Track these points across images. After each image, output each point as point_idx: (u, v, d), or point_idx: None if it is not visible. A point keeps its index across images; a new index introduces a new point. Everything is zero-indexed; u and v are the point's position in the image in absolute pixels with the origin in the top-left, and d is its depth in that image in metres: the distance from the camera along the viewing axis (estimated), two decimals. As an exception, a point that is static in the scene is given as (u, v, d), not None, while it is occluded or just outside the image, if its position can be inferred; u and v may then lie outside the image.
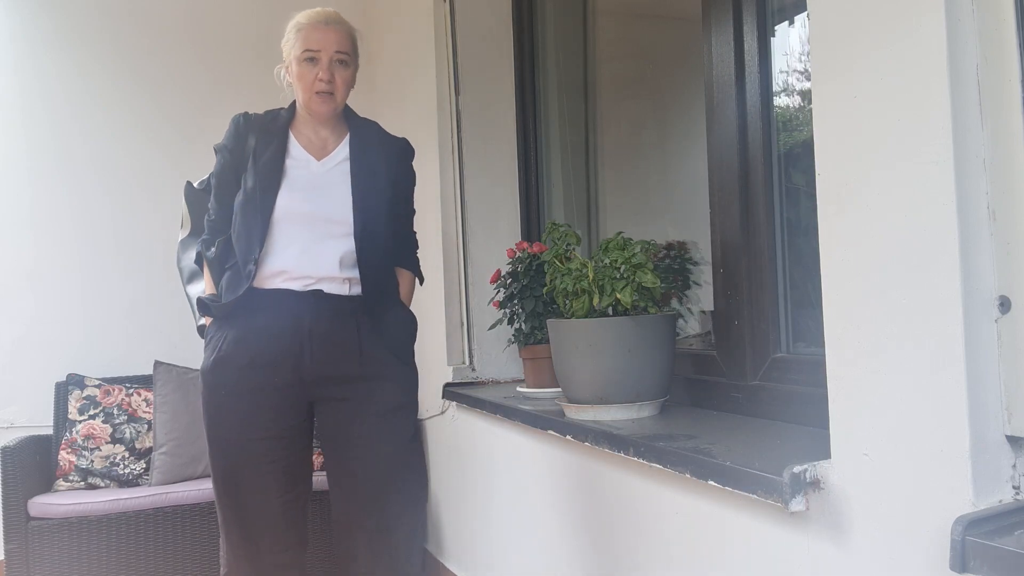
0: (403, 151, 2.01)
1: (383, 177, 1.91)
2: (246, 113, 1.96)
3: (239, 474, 1.82)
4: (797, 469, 1.11)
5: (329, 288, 1.83)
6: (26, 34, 3.41)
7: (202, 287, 1.98)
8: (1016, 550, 0.83)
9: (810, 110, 1.14)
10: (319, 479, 1.97)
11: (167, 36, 3.60)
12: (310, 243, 1.82)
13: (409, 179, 2.03)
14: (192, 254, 2.07)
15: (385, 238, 1.91)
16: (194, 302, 1.97)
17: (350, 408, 1.85)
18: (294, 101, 1.96)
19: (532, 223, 2.85)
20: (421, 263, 2.08)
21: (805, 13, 1.18)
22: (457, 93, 2.85)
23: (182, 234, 2.15)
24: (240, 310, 1.81)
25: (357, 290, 1.85)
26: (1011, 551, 0.83)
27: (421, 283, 2.09)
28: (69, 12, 3.47)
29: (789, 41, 1.70)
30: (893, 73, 1.01)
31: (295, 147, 1.90)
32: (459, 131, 2.84)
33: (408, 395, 1.91)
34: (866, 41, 1.04)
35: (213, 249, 1.90)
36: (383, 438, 1.85)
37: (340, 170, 1.89)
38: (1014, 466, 0.96)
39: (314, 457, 2.00)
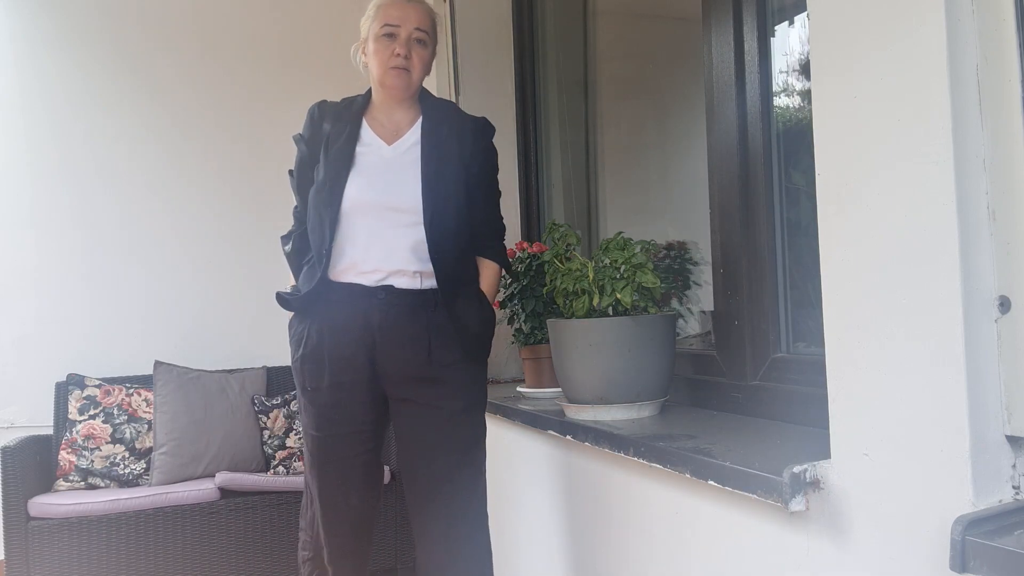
0: (481, 129, 1.91)
1: (456, 159, 1.83)
2: (322, 101, 1.91)
3: (323, 468, 1.84)
4: (797, 469, 1.11)
5: (399, 283, 1.78)
6: (26, 34, 3.42)
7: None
8: (1016, 550, 0.83)
9: (810, 110, 1.14)
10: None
11: (168, 35, 3.60)
12: (380, 233, 1.77)
13: (489, 159, 1.92)
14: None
15: (459, 225, 1.82)
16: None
17: (415, 411, 1.83)
18: (370, 88, 1.90)
19: (532, 223, 2.85)
20: None
21: (805, 13, 1.18)
22: (457, 93, 2.85)
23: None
24: (318, 303, 1.79)
25: (430, 283, 1.79)
26: (1011, 551, 0.83)
27: (508, 272, 2.04)
28: (69, 12, 3.47)
29: (789, 41, 1.70)
30: (893, 73, 1.01)
31: (367, 132, 1.85)
32: (459, 131, 2.84)
33: (473, 396, 1.85)
34: (866, 41, 1.04)
35: (290, 244, 1.90)
36: (447, 445, 1.82)
37: (411, 155, 1.82)
38: (1014, 466, 0.96)
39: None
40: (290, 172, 1.95)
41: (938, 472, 0.95)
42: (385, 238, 1.77)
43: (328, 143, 1.83)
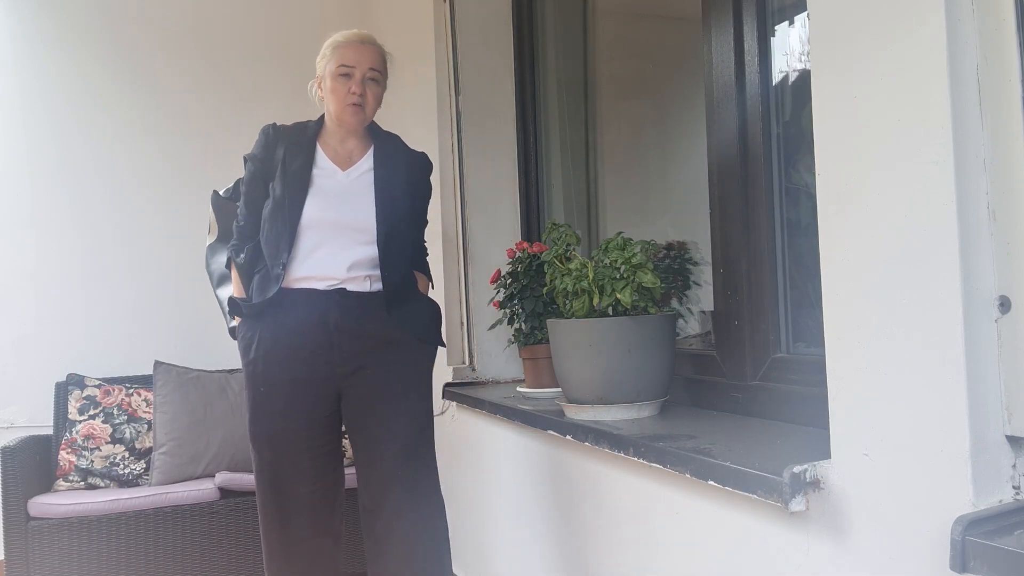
0: (424, 165, 2.14)
1: (403, 187, 2.04)
2: (275, 124, 2.06)
3: (279, 463, 1.95)
4: (797, 469, 1.11)
5: (352, 286, 1.95)
6: (26, 34, 3.41)
7: (231, 290, 2.09)
8: (1016, 550, 0.83)
9: (810, 110, 1.14)
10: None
11: (168, 36, 3.60)
12: (336, 249, 1.94)
13: (426, 191, 2.15)
14: (221, 258, 2.18)
15: (404, 244, 2.03)
16: (225, 304, 2.10)
17: (370, 401, 1.96)
18: (322, 115, 2.06)
19: (532, 223, 2.85)
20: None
21: (805, 13, 1.18)
22: (457, 93, 2.85)
23: (209, 239, 2.25)
24: (270, 309, 1.93)
25: (379, 286, 1.97)
26: (1011, 551, 0.83)
27: (433, 287, 2.21)
28: (69, 12, 3.47)
29: (789, 41, 1.69)
30: (893, 73, 1.01)
31: (322, 158, 2.02)
32: (459, 131, 2.84)
33: (423, 367, 2.03)
34: (866, 41, 1.04)
35: (243, 255, 2.01)
36: (398, 423, 1.97)
37: (364, 180, 2.01)
38: (1014, 466, 0.96)
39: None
40: (225, 191, 2.16)
41: (938, 472, 0.95)
42: (340, 253, 1.94)
43: (285, 164, 1.98)
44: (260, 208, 2.01)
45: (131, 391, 3.19)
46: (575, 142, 2.85)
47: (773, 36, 1.65)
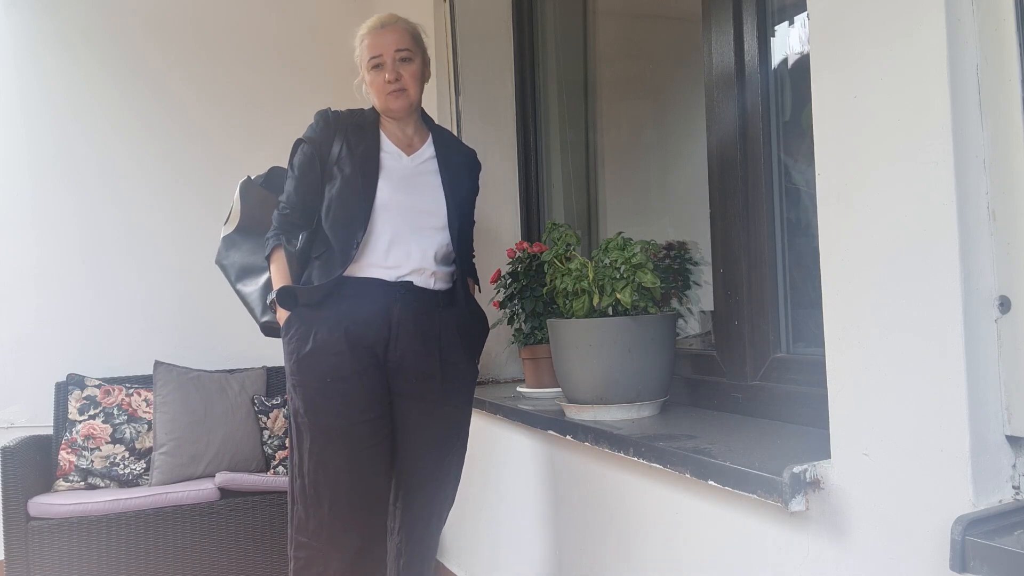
0: (475, 163, 2.12)
1: (464, 177, 2.02)
2: (331, 108, 1.98)
3: (341, 457, 1.82)
4: (797, 469, 1.11)
5: (418, 280, 1.89)
6: (26, 34, 3.41)
7: (260, 283, 2.02)
8: (1016, 550, 0.83)
9: (810, 110, 1.14)
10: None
11: (168, 35, 3.60)
12: (404, 233, 1.88)
13: (476, 189, 2.12)
14: (239, 252, 2.09)
15: (467, 233, 2.02)
16: (255, 298, 2.02)
17: (423, 407, 1.93)
18: (373, 106, 2.00)
19: (532, 223, 2.85)
20: None
21: (805, 13, 1.18)
22: (457, 93, 2.85)
23: (225, 230, 2.15)
24: (331, 298, 1.84)
25: (440, 285, 1.93)
26: (1011, 551, 0.83)
27: (480, 291, 2.14)
28: (69, 12, 3.47)
29: (789, 41, 1.69)
30: (893, 73, 1.01)
31: (386, 142, 1.96)
32: (459, 131, 2.84)
33: (470, 394, 2.03)
34: (866, 41, 1.04)
35: (298, 242, 1.91)
36: (448, 441, 1.98)
37: (429, 167, 1.97)
38: (1014, 466, 0.96)
39: None
40: (257, 177, 2.06)
41: (938, 472, 0.95)
42: (409, 238, 1.88)
43: (351, 145, 1.91)
44: (315, 193, 1.90)
45: (131, 391, 3.19)
46: (575, 142, 2.85)
47: (773, 36, 1.65)
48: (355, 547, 1.84)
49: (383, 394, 1.88)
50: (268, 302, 1.96)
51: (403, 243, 1.87)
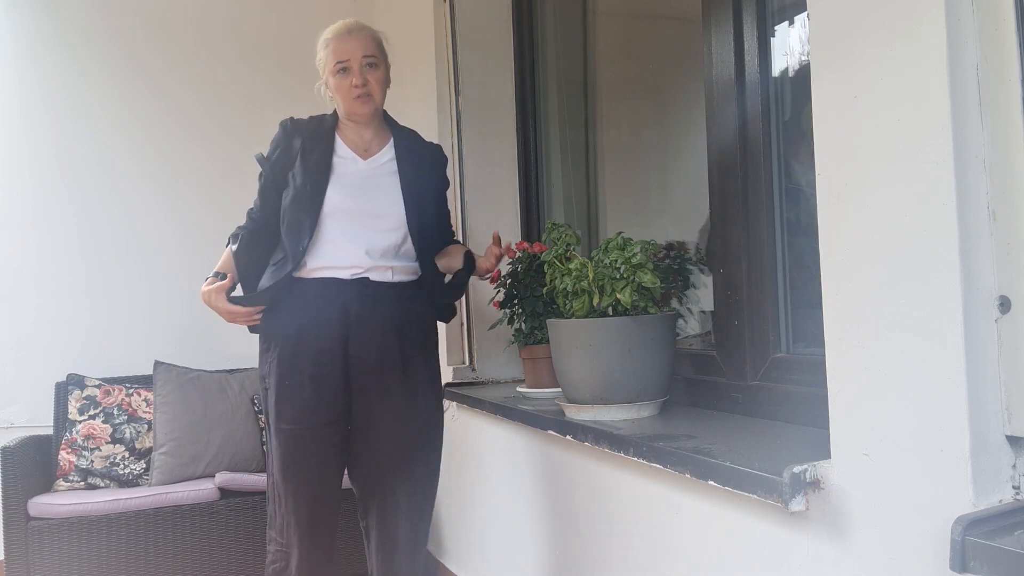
0: (440, 159, 2.16)
1: (426, 179, 2.06)
2: (292, 118, 2.07)
3: (303, 461, 1.91)
4: (797, 469, 1.11)
5: (375, 276, 1.94)
6: (26, 33, 3.41)
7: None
8: (1016, 550, 0.83)
9: (810, 110, 1.14)
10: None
11: (168, 34, 3.60)
12: (357, 236, 1.93)
13: (444, 183, 2.17)
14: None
15: (433, 232, 2.06)
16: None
17: (384, 401, 1.95)
18: (335, 110, 2.07)
19: (532, 223, 2.85)
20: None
21: (805, 13, 1.18)
22: (457, 93, 2.85)
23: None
24: (289, 301, 1.92)
25: (400, 277, 1.98)
26: (1011, 551, 0.83)
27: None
28: (69, 11, 3.47)
29: (789, 41, 1.69)
30: (893, 73, 1.00)
31: (341, 147, 2.02)
32: (459, 131, 2.84)
33: (436, 388, 2.06)
34: (866, 41, 1.04)
35: (237, 244, 2.01)
36: (418, 437, 2.00)
37: (386, 170, 2.02)
38: (1014, 466, 0.96)
39: None
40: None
41: (938, 472, 0.95)
42: (362, 240, 1.94)
43: (304, 153, 1.97)
44: (275, 199, 2.00)
45: (131, 391, 3.19)
46: (575, 142, 2.84)
47: (773, 36, 1.65)
48: (313, 544, 1.94)
49: (340, 398, 1.93)
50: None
51: (355, 244, 1.92)
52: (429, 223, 2.04)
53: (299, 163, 1.96)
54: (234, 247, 2.02)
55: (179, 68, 3.60)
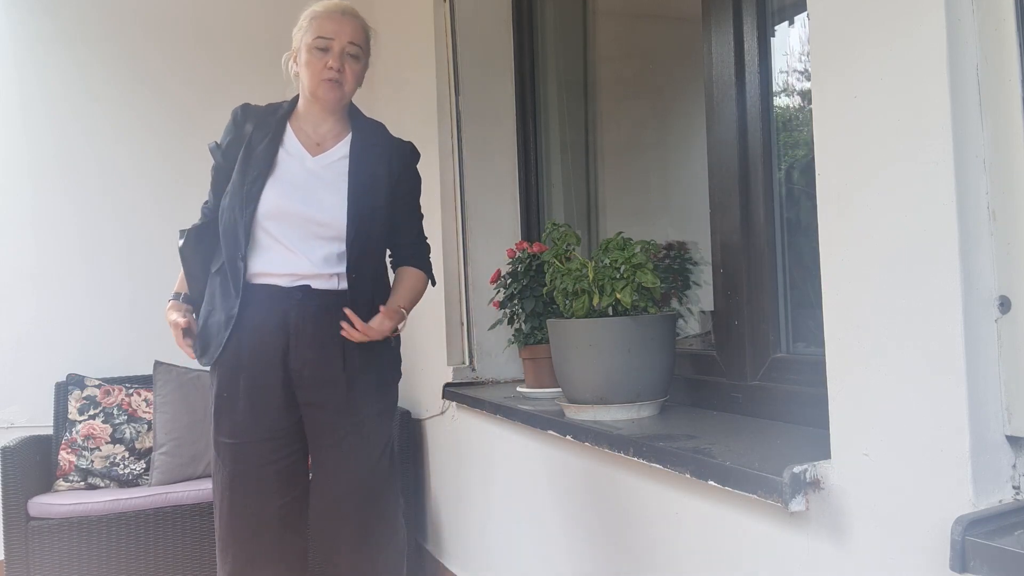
0: (408, 154, 1.95)
1: (383, 180, 1.86)
2: (246, 104, 1.92)
3: (238, 479, 1.78)
4: (797, 469, 1.11)
5: (316, 283, 1.79)
6: (26, 33, 3.41)
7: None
8: (1016, 550, 0.83)
9: (810, 110, 1.14)
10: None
11: (168, 34, 3.60)
12: (296, 243, 1.78)
13: (413, 182, 1.97)
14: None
15: (379, 245, 1.88)
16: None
17: (328, 417, 1.82)
18: (296, 96, 1.91)
19: (532, 223, 2.85)
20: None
21: (805, 13, 1.18)
22: (457, 93, 2.85)
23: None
24: (229, 306, 1.78)
25: (346, 285, 1.81)
26: (1011, 551, 0.83)
27: (433, 284, 2.05)
28: (69, 11, 3.47)
29: (789, 41, 1.70)
30: (893, 73, 1.00)
31: (291, 140, 1.85)
32: (459, 131, 2.84)
33: (384, 402, 1.89)
34: (866, 41, 1.04)
35: (183, 239, 1.87)
36: (360, 452, 1.83)
37: (335, 169, 1.84)
38: (1014, 466, 0.96)
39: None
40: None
41: (938, 472, 0.95)
42: (300, 247, 1.78)
43: (250, 144, 1.82)
44: (223, 192, 1.85)
45: (131, 391, 3.19)
46: (575, 142, 2.85)
47: (773, 36, 1.65)
48: (238, 566, 1.79)
49: (282, 414, 1.80)
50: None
51: (294, 252, 1.77)
52: (377, 231, 1.84)
53: (242, 155, 1.80)
54: (180, 243, 1.87)
55: (179, 68, 3.60)
